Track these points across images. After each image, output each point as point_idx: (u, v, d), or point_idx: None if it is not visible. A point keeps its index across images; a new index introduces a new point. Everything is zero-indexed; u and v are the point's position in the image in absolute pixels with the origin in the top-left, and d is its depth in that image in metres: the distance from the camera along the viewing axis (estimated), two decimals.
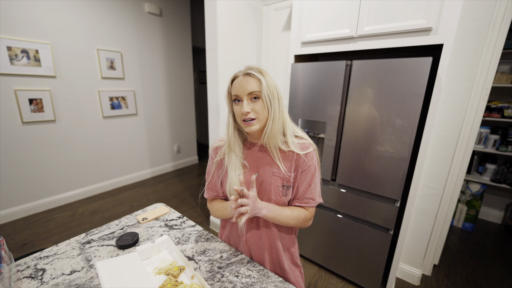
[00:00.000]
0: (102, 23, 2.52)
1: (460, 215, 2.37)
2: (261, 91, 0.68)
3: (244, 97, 0.69)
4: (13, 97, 2.06)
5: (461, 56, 1.31)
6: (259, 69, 0.70)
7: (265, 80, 0.69)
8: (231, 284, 0.70)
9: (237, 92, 0.70)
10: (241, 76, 0.70)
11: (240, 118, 0.71)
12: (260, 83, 0.68)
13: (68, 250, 0.83)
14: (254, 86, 0.68)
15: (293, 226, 0.81)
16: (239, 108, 0.71)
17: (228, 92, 0.75)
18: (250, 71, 0.69)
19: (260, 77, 0.68)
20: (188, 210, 2.52)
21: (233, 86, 0.71)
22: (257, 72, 0.69)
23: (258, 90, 0.68)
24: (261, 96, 0.69)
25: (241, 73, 0.71)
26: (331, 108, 1.49)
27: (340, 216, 1.59)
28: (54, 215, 2.34)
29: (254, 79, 0.69)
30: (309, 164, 0.76)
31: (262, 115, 0.71)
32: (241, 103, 0.70)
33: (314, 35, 1.55)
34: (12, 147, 2.12)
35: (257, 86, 0.68)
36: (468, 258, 1.93)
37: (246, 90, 0.68)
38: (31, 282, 0.69)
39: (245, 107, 0.68)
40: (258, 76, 0.68)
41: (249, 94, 0.69)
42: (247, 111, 0.68)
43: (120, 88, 2.79)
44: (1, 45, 1.93)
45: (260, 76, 0.68)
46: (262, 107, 0.70)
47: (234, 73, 0.73)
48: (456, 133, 1.39)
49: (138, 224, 0.99)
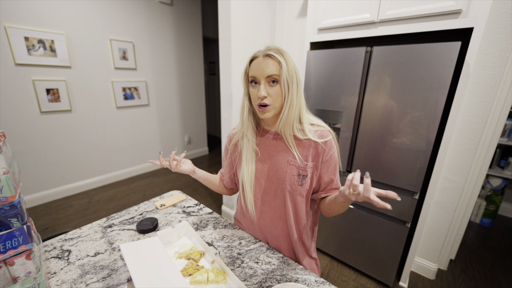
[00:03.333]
0: (115, 13, 2.52)
1: (479, 210, 2.29)
2: (280, 75, 0.65)
3: (262, 80, 0.66)
4: (32, 87, 2.11)
5: (491, 41, 1.23)
6: (279, 50, 0.67)
7: (286, 63, 0.65)
8: (252, 270, 0.70)
9: (255, 73, 0.67)
10: (261, 57, 0.66)
11: (255, 102, 0.69)
12: (280, 66, 0.65)
13: (91, 233, 0.85)
14: (273, 69, 0.65)
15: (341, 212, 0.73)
16: (255, 91, 0.68)
17: (245, 72, 0.72)
18: (270, 52, 0.65)
19: (281, 59, 0.65)
20: (200, 200, 2.56)
21: (251, 67, 0.68)
22: (278, 54, 0.65)
23: (277, 74, 0.65)
24: (279, 80, 0.66)
25: (260, 53, 0.67)
26: (348, 98, 1.44)
27: (354, 207, 1.56)
28: (72, 202, 2.43)
29: (274, 61, 0.65)
30: (330, 154, 0.73)
31: (278, 101, 0.68)
32: (258, 86, 0.67)
33: (331, 21, 1.48)
34: (31, 136, 2.19)
35: (277, 69, 0.65)
36: (486, 254, 1.88)
37: (264, 73, 0.65)
38: (58, 262, 0.72)
39: (262, 91, 0.66)
40: (279, 58, 0.65)
41: (267, 77, 0.65)
42: (264, 95, 0.66)
43: (132, 79, 2.80)
44: (19, 35, 1.97)
45: (280, 58, 0.65)
46: (279, 92, 0.67)
47: (254, 53, 0.69)
48: (481, 124, 1.32)
49: (156, 210, 1.00)
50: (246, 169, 0.77)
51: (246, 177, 0.77)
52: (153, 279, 0.60)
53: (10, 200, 0.54)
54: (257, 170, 0.78)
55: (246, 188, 0.78)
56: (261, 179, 0.78)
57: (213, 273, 0.66)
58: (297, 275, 0.69)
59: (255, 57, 0.68)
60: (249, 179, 0.78)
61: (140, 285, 0.57)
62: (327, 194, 0.76)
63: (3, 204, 0.53)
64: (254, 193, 0.79)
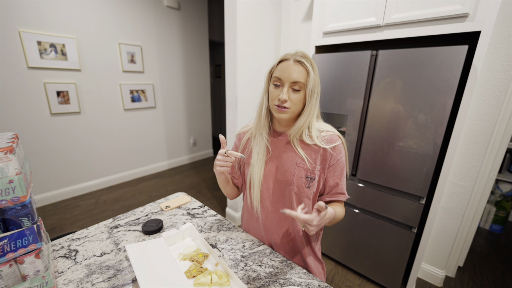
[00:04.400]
0: (123, 17, 2.58)
1: (488, 216, 2.24)
2: (307, 85, 0.67)
3: (286, 83, 0.67)
4: (43, 89, 2.17)
5: (499, 44, 1.21)
6: (310, 59, 0.68)
7: (314, 74, 0.67)
8: (255, 273, 0.70)
9: (281, 76, 0.67)
10: (291, 61, 0.67)
11: (273, 102, 0.70)
12: (307, 76, 0.67)
13: (98, 233, 0.86)
14: (301, 76, 0.66)
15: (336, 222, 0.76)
16: (277, 92, 0.68)
17: (270, 71, 0.72)
18: (302, 60, 0.66)
19: (310, 69, 0.66)
20: (204, 202, 2.57)
21: (279, 68, 0.68)
22: (309, 63, 0.67)
23: (303, 82, 0.66)
24: (304, 89, 0.68)
25: (291, 57, 0.68)
26: (353, 101, 1.43)
27: (359, 211, 1.55)
28: (79, 202, 2.47)
29: (303, 69, 0.66)
30: (338, 158, 0.73)
31: (297, 107, 0.69)
32: (281, 88, 0.68)
33: (337, 25, 1.49)
34: (42, 137, 2.25)
35: (304, 77, 0.66)
36: (496, 262, 1.83)
37: (291, 78, 0.66)
38: (66, 261, 0.73)
39: (284, 94, 0.66)
40: (308, 67, 0.66)
41: (293, 82, 0.66)
42: (285, 99, 0.66)
43: (140, 82, 2.86)
44: (32, 40, 2.03)
45: (309, 68, 0.66)
46: (300, 99, 0.68)
47: (284, 55, 0.70)
48: (490, 128, 1.30)
49: (161, 211, 1.01)
50: (257, 166, 0.77)
51: (256, 173, 0.78)
52: (157, 280, 0.60)
53: (21, 200, 0.56)
54: (266, 170, 0.79)
55: (255, 185, 0.78)
56: (269, 179, 0.79)
57: (216, 275, 0.66)
58: (300, 279, 0.68)
59: (285, 59, 0.68)
60: (259, 177, 0.78)
61: (145, 285, 0.58)
62: (331, 198, 0.76)
63: (15, 203, 0.55)
64: (261, 192, 0.80)
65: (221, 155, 0.69)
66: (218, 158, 0.70)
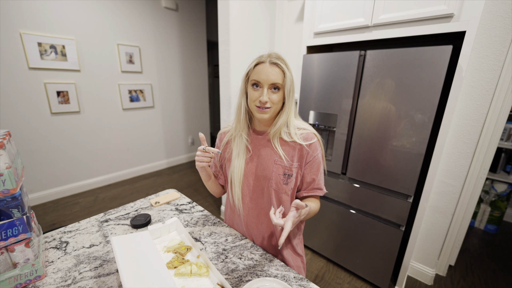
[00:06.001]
0: (122, 19, 2.63)
1: (483, 216, 2.24)
2: (284, 85, 0.70)
3: (265, 85, 0.69)
4: (43, 89, 2.23)
5: (486, 44, 1.22)
6: (284, 60, 0.71)
7: (289, 73, 0.70)
8: (234, 265, 0.73)
9: (260, 78, 0.69)
10: (267, 64, 0.69)
11: (253, 103, 0.72)
12: (284, 76, 0.69)
13: (88, 227, 0.90)
14: (278, 77, 0.69)
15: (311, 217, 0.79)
16: (256, 94, 0.71)
17: (247, 74, 0.73)
18: (278, 61, 0.69)
19: (285, 70, 0.69)
20: (200, 200, 2.61)
21: (256, 71, 0.70)
22: (283, 64, 0.70)
23: (281, 83, 0.69)
24: (282, 89, 0.71)
25: (267, 59, 0.70)
26: (343, 101, 1.46)
27: (349, 210, 1.57)
28: (79, 199, 2.53)
29: (279, 70, 0.69)
30: (314, 155, 0.76)
31: (277, 106, 0.72)
32: (260, 90, 0.70)
33: (327, 25, 1.51)
34: (42, 136, 2.31)
35: (281, 78, 0.69)
36: (489, 261, 1.83)
37: (269, 80, 0.68)
38: (56, 252, 0.77)
39: (265, 96, 0.69)
40: (284, 69, 0.69)
41: (271, 84, 0.69)
42: (266, 100, 0.69)
43: (138, 82, 2.91)
44: (33, 41, 2.09)
45: (285, 69, 0.69)
46: (280, 99, 0.71)
47: (259, 57, 0.71)
48: (478, 127, 1.31)
49: (151, 207, 1.05)
50: (237, 165, 0.81)
51: (237, 173, 0.81)
52: (138, 270, 0.64)
53: (11, 192, 0.60)
54: (246, 169, 0.82)
55: (235, 184, 0.81)
56: (249, 177, 0.82)
57: (196, 266, 0.69)
58: (277, 271, 0.71)
59: (261, 62, 0.70)
60: (239, 176, 0.81)
61: (125, 274, 0.61)
62: (309, 194, 0.79)
63: (5, 195, 0.59)
64: (242, 190, 0.83)
65: (200, 151, 0.73)
66: (197, 154, 0.73)
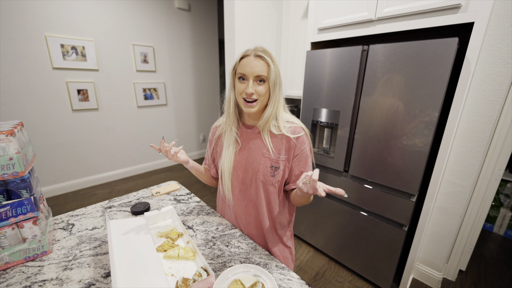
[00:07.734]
0: (137, 20, 2.76)
1: (503, 221, 2.09)
2: (269, 76, 0.71)
3: (251, 78, 0.71)
4: (65, 88, 2.41)
5: (499, 36, 1.15)
6: (269, 53, 0.72)
7: (274, 66, 0.71)
8: (220, 252, 0.76)
9: (245, 71, 0.71)
10: (252, 56, 0.71)
11: (241, 96, 0.74)
12: (268, 68, 0.71)
13: (93, 212, 0.98)
14: (263, 69, 0.70)
15: (305, 203, 0.81)
16: (243, 87, 0.73)
17: (233, 68, 0.76)
18: (262, 54, 0.70)
19: (270, 63, 0.71)
20: (208, 195, 2.68)
21: (241, 64, 0.72)
22: (268, 57, 0.71)
23: (265, 75, 0.71)
24: (267, 81, 0.72)
25: (252, 52, 0.71)
26: (345, 97, 1.43)
27: (352, 208, 1.54)
28: (96, 191, 2.70)
29: (264, 63, 0.71)
30: (301, 149, 0.78)
31: (263, 98, 0.74)
32: (246, 82, 0.72)
33: (330, 21, 1.50)
34: (64, 131, 2.50)
35: (266, 70, 0.71)
36: (505, 268, 1.71)
37: (254, 72, 0.70)
38: (62, 232, 0.85)
39: (250, 88, 0.70)
40: (268, 61, 0.71)
41: (256, 76, 0.71)
42: (252, 92, 0.71)
43: (152, 80, 3.04)
44: (56, 43, 2.27)
45: (269, 61, 0.71)
46: (266, 91, 0.73)
47: (245, 51, 0.73)
48: (490, 125, 1.23)
49: (151, 196, 1.11)
50: (227, 158, 0.84)
51: (226, 165, 0.84)
52: (129, 251, 0.69)
53: (20, 174, 0.67)
54: (236, 161, 0.84)
55: (225, 175, 0.84)
56: (239, 169, 0.84)
57: (184, 250, 0.73)
58: (260, 259, 0.73)
59: (247, 55, 0.72)
60: (228, 168, 0.84)
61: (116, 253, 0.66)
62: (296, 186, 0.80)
63: (14, 177, 0.67)
64: (231, 181, 0.85)
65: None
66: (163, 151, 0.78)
